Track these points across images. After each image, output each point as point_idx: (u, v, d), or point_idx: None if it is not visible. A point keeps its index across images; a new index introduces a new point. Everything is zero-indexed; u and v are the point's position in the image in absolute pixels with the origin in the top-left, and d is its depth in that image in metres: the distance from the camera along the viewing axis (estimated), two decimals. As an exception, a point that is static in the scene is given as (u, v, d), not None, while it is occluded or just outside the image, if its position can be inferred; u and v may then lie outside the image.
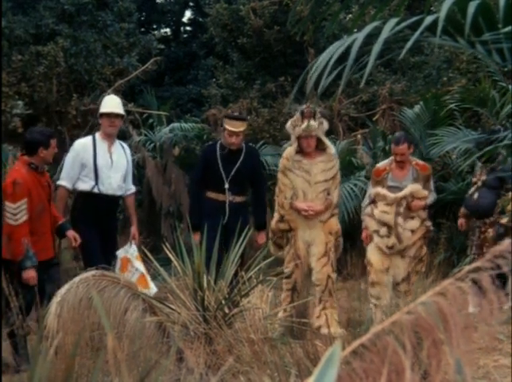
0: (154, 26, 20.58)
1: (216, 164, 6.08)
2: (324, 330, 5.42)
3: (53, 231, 5.41)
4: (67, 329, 3.88)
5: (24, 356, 4.98)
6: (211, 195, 6.13)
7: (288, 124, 6.02)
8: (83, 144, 5.94)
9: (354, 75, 2.80)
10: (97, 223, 5.77)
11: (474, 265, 1.43)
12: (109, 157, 5.90)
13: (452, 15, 2.50)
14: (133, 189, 6.26)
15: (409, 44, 2.38)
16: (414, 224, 5.83)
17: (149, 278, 5.82)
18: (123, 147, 6.16)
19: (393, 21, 2.48)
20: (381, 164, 6.14)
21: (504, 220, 6.33)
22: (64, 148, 7.43)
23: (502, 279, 1.77)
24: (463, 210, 6.60)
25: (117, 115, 5.93)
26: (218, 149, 6.15)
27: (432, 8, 6.31)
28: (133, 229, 6.11)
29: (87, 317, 3.98)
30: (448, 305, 1.39)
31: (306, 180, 5.87)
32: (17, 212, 5.02)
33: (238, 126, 6.06)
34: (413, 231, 5.82)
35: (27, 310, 4.81)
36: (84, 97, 9.77)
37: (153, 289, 5.74)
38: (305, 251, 5.89)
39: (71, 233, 5.48)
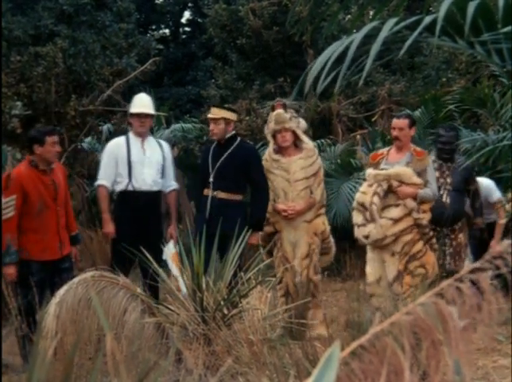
0: (153, 27, 20.58)
1: (207, 158, 5.94)
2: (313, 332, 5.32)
3: (61, 232, 5.32)
4: (66, 330, 3.88)
5: (23, 356, 4.98)
6: (204, 192, 5.93)
7: (265, 128, 5.95)
8: (116, 143, 5.98)
9: (354, 76, 2.80)
10: (135, 220, 5.74)
11: (473, 266, 1.43)
12: (142, 154, 5.91)
13: (451, 15, 2.50)
14: (173, 185, 6.15)
15: (407, 43, 2.38)
16: (397, 212, 5.32)
17: (180, 280, 5.49)
18: (160, 145, 6.11)
19: (392, 21, 2.47)
20: (380, 150, 5.89)
21: (503, 221, 6.33)
22: (62, 148, 7.40)
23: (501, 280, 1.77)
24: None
25: (146, 115, 5.95)
26: (212, 145, 6.02)
27: (431, 8, 6.31)
28: (171, 228, 6.06)
29: (86, 317, 3.98)
30: (447, 306, 1.39)
31: (285, 179, 5.74)
32: (5, 206, 5.03)
33: (215, 113, 5.91)
34: (395, 221, 5.32)
35: (27, 313, 4.79)
36: (83, 98, 9.75)
37: (182, 291, 5.45)
38: (292, 253, 5.76)
39: (73, 251, 5.50)
